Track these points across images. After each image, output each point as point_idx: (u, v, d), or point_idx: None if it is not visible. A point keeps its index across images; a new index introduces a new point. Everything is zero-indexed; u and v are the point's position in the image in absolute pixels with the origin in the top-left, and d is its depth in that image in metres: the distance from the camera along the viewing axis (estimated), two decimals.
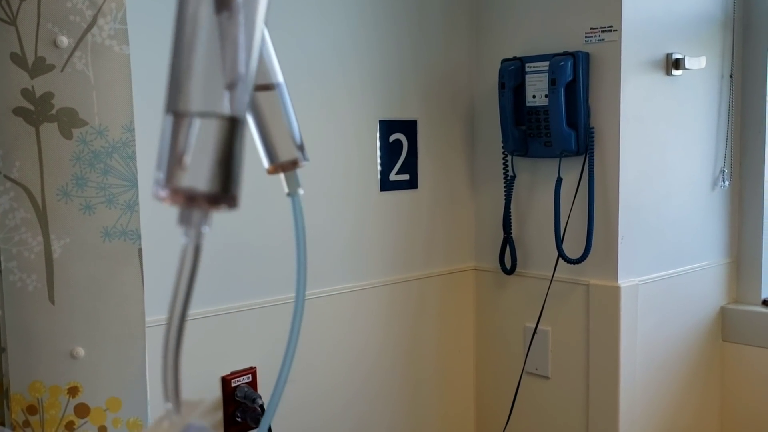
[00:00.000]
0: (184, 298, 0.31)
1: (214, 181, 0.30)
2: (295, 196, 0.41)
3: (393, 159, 2.02)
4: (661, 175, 2.01)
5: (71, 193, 1.09)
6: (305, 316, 1.93)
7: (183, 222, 0.31)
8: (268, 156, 0.40)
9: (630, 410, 1.95)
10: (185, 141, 0.29)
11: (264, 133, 0.40)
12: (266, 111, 0.39)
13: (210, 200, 0.30)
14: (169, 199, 0.30)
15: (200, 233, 0.32)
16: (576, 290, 1.98)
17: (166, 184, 0.30)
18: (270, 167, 0.40)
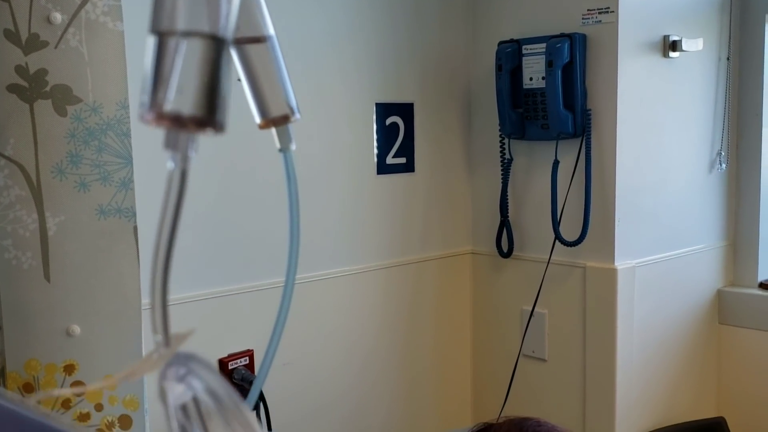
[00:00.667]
0: (171, 226, 0.31)
1: (199, 104, 0.30)
2: (287, 152, 0.41)
3: (389, 142, 2.01)
4: (658, 157, 2.00)
5: (66, 170, 1.09)
6: (303, 300, 1.93)
7: (169, 146, 0.31)
8: (259, 111, 0.40)
9: (627, 392, 1.95)
10: (170, 62, 0.28)
11: (255, 87, 0.40)
12: (257, 65, 0.38)
13: (196, 123, 0.30)
14: (154, 121, 0.30)
15: (187, 157, 0.32)
16: (573, 273, 1.98)
17: (151, 108, 0.30)
18: (261, 122, 0.40)
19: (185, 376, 0.31)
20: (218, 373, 0.30)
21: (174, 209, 0.31)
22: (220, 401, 0.30)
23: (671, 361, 2.09)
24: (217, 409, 0.30)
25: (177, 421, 0.32)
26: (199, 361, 0.30)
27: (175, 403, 0.32)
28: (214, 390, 0.30)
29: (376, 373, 2.02)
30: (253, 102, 0.40)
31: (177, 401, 0.32)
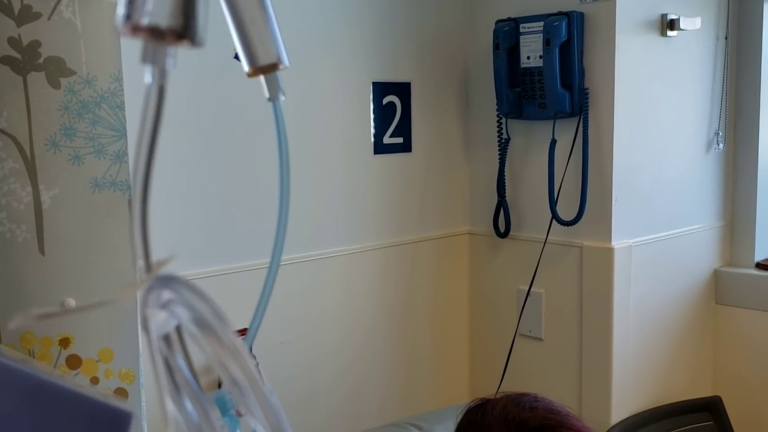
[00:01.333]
0: (149, 144, 0.30)
1: (177, 17, 0.29)
2: (276, 101, 0.41)
3: (386, 122, 2.01)
4: (655, 136, 2.00)
5: (60, 143, 1.09)
6: (300, 279, 1.93)
7: (147, 59, 0.31)
8: (247, 59, 0.39)
9: (623, 371, 1.96)
10: None
11: (243, 34, 0.39)
12: (245, 11, 0.38)
13: (173, 35, 0.30)
14: (131, 33, 0.30)
15: (165, 72, 0.31)
16: (570, 252, 1.98)
17: (127, 20, 0.29)
18: (249, 70, 0.40)
19: (168, 303, 0.31)
20: (204, 294, 0.30)
21: (152, 127, 0.30)
22: (207, 328, 0.29)
23: (668, 340, 2.09)
24: (203, 337, 0.29)
25: (160, 353, 0.32)
26: (183, 283, 0.30)
27: (158, 333, 0.32)
28: (200, 317, 0.30)
29: (373, 352, 2.02)
30: (241, 50, 0.40)
31: (160, 331, 0.31)
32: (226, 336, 0.28)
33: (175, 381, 0.32)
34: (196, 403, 0.32)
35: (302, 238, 1.85)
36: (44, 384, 0.42)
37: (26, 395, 0.41)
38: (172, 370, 0.32)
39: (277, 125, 0.41)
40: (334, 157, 1.90)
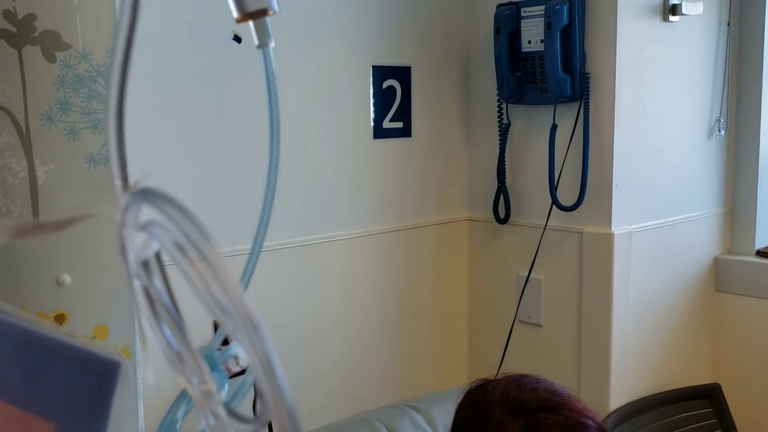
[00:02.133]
0: (124, 53, 0.30)
1: None
2: (265, 48, 0.40)
3: (386, 106, 1.99)
4: (656, 122, 1.99)
5: (55, 117, 1.08)
6: (299, 263, 1.91)
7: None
8: (236, 4, 0.39)
9: (622, 358, 1.95)
10: None
11: None
12: None
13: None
14: None
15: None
16: (569, 238, 1.98)
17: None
18: (238, 16, 0.39)
19: (148, 225, 0.30)
20: (186, 210, 0.28)
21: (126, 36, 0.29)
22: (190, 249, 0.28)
23: (667, 327, 2.09)
24: (186, 261, 0.28)
25: (139, 280, 0.31)
26: (163, 196, 0.29)
27: (137, 259, 0.31)
28: (182, 236, 0.28)
29: (372, 337, 2.02)
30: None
31: (138, 256, 0.31)
32: (212, 256, 0.27)
33: (155, 310, 0.31)
34: (177, 333, 0.31)
35: (302, 222, 1.84)
36: (33, 335, 0.41)
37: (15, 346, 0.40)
38: (152, 299, 0.31)
39: (267, 73, 0.40)
40: (334, 141, 1.89)
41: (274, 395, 0.25)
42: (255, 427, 0.28)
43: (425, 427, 1.34)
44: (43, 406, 0.40)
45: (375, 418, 1.34)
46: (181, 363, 0.31)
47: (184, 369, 0.31)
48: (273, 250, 1.79)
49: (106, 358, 0.40)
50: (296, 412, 0.27)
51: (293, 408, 0.26)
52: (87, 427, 0.39)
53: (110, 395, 0.40)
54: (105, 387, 0.40)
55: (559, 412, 1.10)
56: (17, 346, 0.41)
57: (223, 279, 0.26)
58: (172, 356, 0.31)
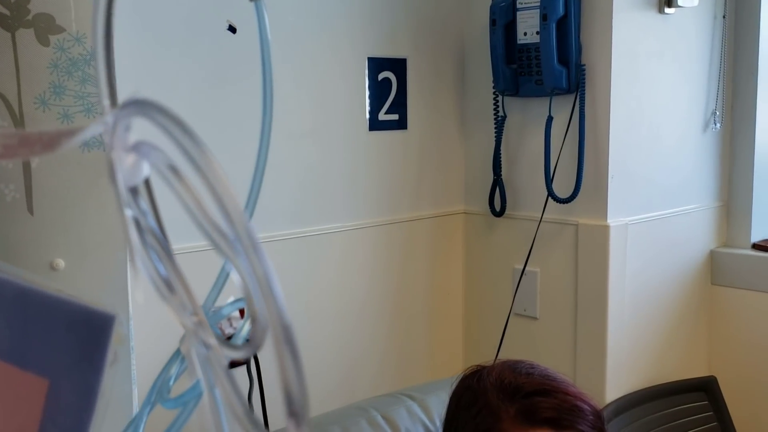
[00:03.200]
0: None
1: None
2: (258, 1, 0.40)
3: (382, 98, 1.99)
4: (652, 114, 1.99)
5: (49, 101, 1.07)
6: (294, 255, 1.90)
7: None
8: None
9: (618, 350, 1.95)
10: None
11: None
12: None
13: None
14: None
15: None
16: (565, 230, 1.97)
17: None
18: None
19: (138, 145, 0.29)
20: (183, 122, 0.27)
21: None
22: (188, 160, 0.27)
23: (663, 320, 2.09)
24: (179, 181, 0.27)
25: (130, 210, 0.30)
26: (155, 105, 0.28)
27: (127, 183, 0.30)
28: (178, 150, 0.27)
29: (367, 330, 2.01)
30: None
31: (129, 181, 0.30)
32: (210, 169, 0.26)
33: (144, 240, 0.30)
34: (166, 261, 0.30)
35: (296, 214, 1.83)
36: (25, 291, 0.40)
37: (6, 302, 0.40)
38: (141, 227, 0.31)
39: (260, 28, 0.39)
40: (329, 133, 1.89)
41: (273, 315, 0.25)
42: (247, 352, 0.28)
43: (420, 415, 1.33)
44: (36, 362, 0.39)
45: (370, 406, 1.33)
46: (171, 292, 0.30)
47: (173, 299, 0.30)
48: (268, 242, 1.78)
49: (99, 312, 0.39)
50: (294, 332, 0.26)
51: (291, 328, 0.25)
52: (82, 382, 0.39)
53: (105, 349, 0.39)
54: (99, 341, 0.39)
55: (554, 395, 1.10)
56: (9, 301, 0.40)
57: (222, 193, 0.25)
58: (162, 285, 0.30)
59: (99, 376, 0.39)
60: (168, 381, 0.42)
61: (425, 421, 1.33)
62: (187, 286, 0.30)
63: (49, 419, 0.38)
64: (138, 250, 0.30)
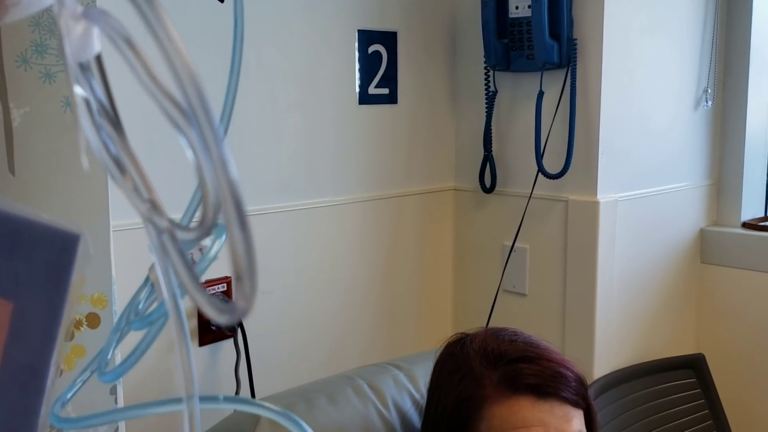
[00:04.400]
0: None
1: None
2: None
3: (372, 71, 1.97)
4: (643, 91, 1.98)
5: (30, 60, 1.05)
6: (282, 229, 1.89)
7: None
8: None
9: (606, 327, 1.95)
10: None
11: None
12: None
13: None
14: None
15: None
16: (555, 207, 1.97)
17: None
18: None
19: (90, 11, 0.28)
20: None
21: None
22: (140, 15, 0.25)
23: (652, 297, 2.09)
24: (134, 53, 0.26)
25: (79, 86, 0.29)
26: None
27: (75, 58, 0.29)
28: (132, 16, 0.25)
29: (356, 305, 2.00)
30: None
31: (79, 55, 0.28)
32: (166, 36, 0.24)
33: (94, 118, 0.29)
34: (117, 140, 0.29)
35: (284, 188, 1.82)
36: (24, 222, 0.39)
37: None
38: (90, 105, 0.29)
39: None
40: (318, 106, 1.87)
41: (225, 188, 0.24)
42: (200, 234, 0.27)
43: (407, 384, 1.32)
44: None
45: (357, 375, 1.33)
46: (122, 173, 0.29)
47: (125, 181, 0.29)
48: (255, 215, 1.77)
49: (64, 231, 0.38)
50: (246, 206, 0.25)
51: (243, 203, 0.24)
52: (46, 303, 0.38)
53: (69, 270, 0.38)
54: (64, 262, 0.38)
55: (537, 362, 1.09)
56: None
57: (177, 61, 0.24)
58: (113, 166, 0.29)
59: (64, 298, 0.38)
60: (137, 306, 0.41)
61: (411, 390, 1.32)
62: (139, 167, 0.29)
63: (13, 341, 0.37)
64: (87, 129, 0.29)
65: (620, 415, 1.93)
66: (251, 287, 0.24)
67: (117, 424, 1.14)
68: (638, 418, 1.96)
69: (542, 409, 1.05)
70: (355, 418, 1.23)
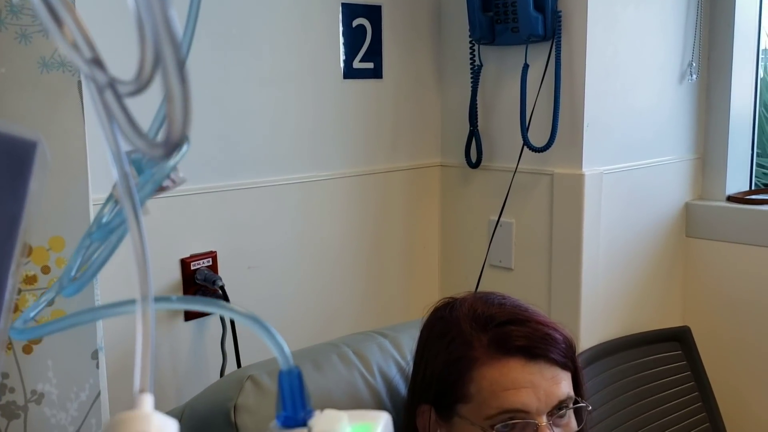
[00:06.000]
0: None
1: None
2: None
3: (356, 46, 1.96)
4: (628, 63, 1.98)
5: (6, 20, 1.04)
6: (267, 203, 1.88)
7: None
8: None
9: (592, 300, 1.95)
10: None
11: None
12: None
13: None
14: None
15: None
16: (541, 181, 1.97)
17: None
18: None
19: None
20: None
21: None
22: None
23: (638, 271, 2.09)
24: None
25: None
26: None
27: None
28: None
29: (342, 281, 2.00)
30: None
31: None
32: None
33: None
34: None
35: (268, 162, 1.81)
36: None
37: None
38: None
39: None
40: (302, 80, 1.86)
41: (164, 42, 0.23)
42: (137, 86, 0.26)
43: (392, 351, 1.32)
44: None
45: (342, 342, 1.32)
46: (59, 25, 0.28)
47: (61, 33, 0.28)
48: (239, 190, 1.76)
49: (20, 139, 0.38)
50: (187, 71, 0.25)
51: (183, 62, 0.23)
52: (3, 213, 0.37)
53: (27, 178, 0.37)
54: (21, 170, 0.37)
55: (527, 324, 1.10)
56: None
57: None
58: (48, 18, 0.28)
59: (21, 207, 0.37)
60: (100, 220, 0.40)
61: (397, 357, 1.32)
62: (79, 21, 0.28)
63: None
64: None
65: (606, 386, 1.94)
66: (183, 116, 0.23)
67: (99, 389, 1.13)
68: (624, 389, 1.97)
69: (531, 370, 1.06)
70: (340, 384, 1.23)
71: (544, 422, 1.04)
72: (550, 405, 1.06)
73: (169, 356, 1.71)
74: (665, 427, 2.01)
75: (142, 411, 0.28)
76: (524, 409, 1.04)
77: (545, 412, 1.05)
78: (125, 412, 0.28)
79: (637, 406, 1.98)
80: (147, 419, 0.28)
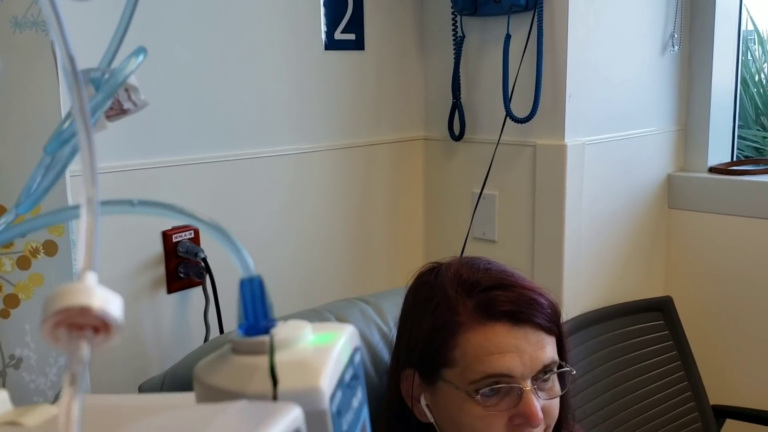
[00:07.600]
0: None
1: None
2: None
3: (338, 16, 1.95)
4: (610, 33, 1.98)
5: None
6: (248, 176, 1.86)
7: None
8: None
9: (575, 271, 1.96)
10: None
11: None
12: None
13: None
14: None
15: None
16: (523, 152, 1.97)
17: None
18: None
19: None
20: None
21: None
22: None
23: (620, 242, 2.10)
24: None
25: None
26: None
27: None
28: None
29: (325, 255, 1.99)
30: None
31: None
32: None
33: None
34: None
35: (250, 134, 1.80)
36: None
37: None
38: None
39: None
40: (283, 50, 1.84)
41: None
42: None
43: (374, 317, 1.32)
44: None
45: (324, 309, 1.32)
46: None
47: None
48: (221, 162, 1.75)
49: None
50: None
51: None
52: None
53: None
54: None
55: (512, 289, 1.09)
56: None
57: None
58: None
59: None
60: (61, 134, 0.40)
61: (379, 322, 1.32)
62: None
63: None
64: None
65: (590, 355, 1.95)
66: None
67: None
68: (608, 359, 1.98)
69: (517, 335, 1.05)
70: None
71: (529, 386, 1.04)
72: (535, 369, 1.05)
73: (152, 328, 1.70)
74: (647, 395, 2.03)
75: (85, 284, 0.28)
76: (509, 373, 1.04)
77: (530, 377, 1.05)
78: (66, 284, 0.28)
79: (619, 375, 2.00)
80: (89, 291, 0.28)
